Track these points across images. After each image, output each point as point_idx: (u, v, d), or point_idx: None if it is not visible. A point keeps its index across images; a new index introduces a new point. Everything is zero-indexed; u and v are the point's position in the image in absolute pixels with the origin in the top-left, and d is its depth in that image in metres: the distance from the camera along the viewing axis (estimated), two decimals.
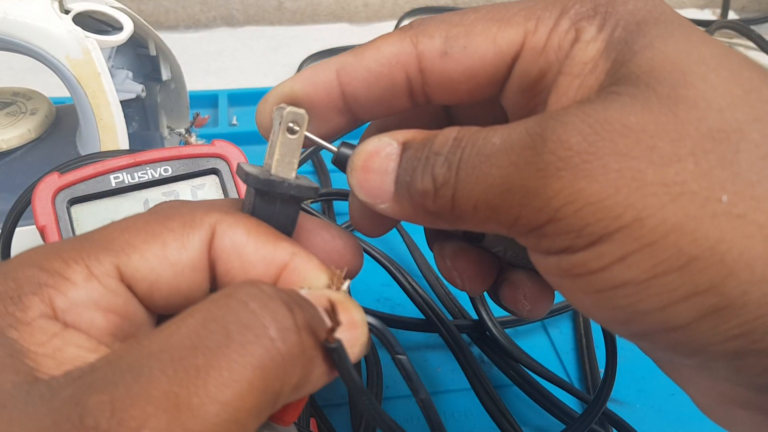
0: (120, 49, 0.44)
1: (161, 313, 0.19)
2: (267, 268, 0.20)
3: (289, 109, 0.21)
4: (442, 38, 0.21)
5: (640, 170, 0.16)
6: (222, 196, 0.34)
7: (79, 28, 0.38)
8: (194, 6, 0.82)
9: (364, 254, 0.40)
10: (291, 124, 0.21)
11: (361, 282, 0.45)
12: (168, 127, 0.51)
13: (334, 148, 0.22)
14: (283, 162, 0.21)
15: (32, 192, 0.31)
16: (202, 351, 0.15)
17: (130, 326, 0.18)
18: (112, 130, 0.39)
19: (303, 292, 0.19)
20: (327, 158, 0.55)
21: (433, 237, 0.27)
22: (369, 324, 0.20)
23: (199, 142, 0.50)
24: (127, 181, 0.33)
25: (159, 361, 0.15)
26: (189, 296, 0.19)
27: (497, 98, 0.22)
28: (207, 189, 0.34)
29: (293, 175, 0.21)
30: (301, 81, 0.22)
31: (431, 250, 0.27)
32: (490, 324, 0.37)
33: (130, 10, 0.42)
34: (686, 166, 0.16)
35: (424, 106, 0.23)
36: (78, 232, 0.32)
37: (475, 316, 0.41)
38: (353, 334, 0.19)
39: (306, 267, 0.20)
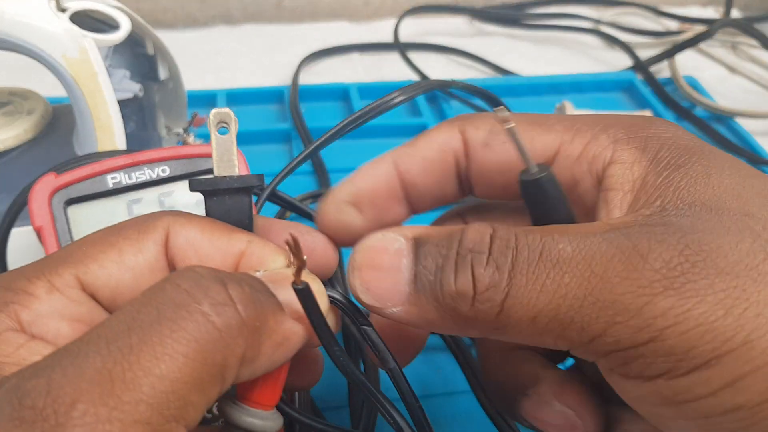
0: (117, 48, 0.43)
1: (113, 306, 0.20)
2: (224, 259, 0.20)
3: (215, 110, 0.22)
4: (486, 131, 0.22)
5: (745, 290, 0.16)
6: None
7: (76, 27, 0.38)
8: (193, 4, 0.82)
9: None
10: (220, 124, 0.22)
11: None
12: (166, 127, 0.50)
13: (533, 162, 0.21)
14: (222, 161, 0.22)
15: (29, 192, 0.31)
16: (135, 331, 0.16)
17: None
18: (109, 130, 0.39)
19: (257, 274, 0.20)
20: (327, 158, 0.54)
21: (514, 391, 0.23)
22: (333, 298, 0.21)
23: (197, 142, 0.50)
24: (124, 182, 0.32)
25: (95, 344, 0.16)
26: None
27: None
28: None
29: (235, 171, 0.22)
30: (362, 176, 0.24)
31: (514, 415, 0.23)
32: None
33: (127, 9, 0.41)
34: None
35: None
36: (75, 232, 0.31)
37: None
38: (317, 288, 0.19)
39: (262, 252, 0.20)
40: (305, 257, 0.18)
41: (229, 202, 0.22)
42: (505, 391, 0.23)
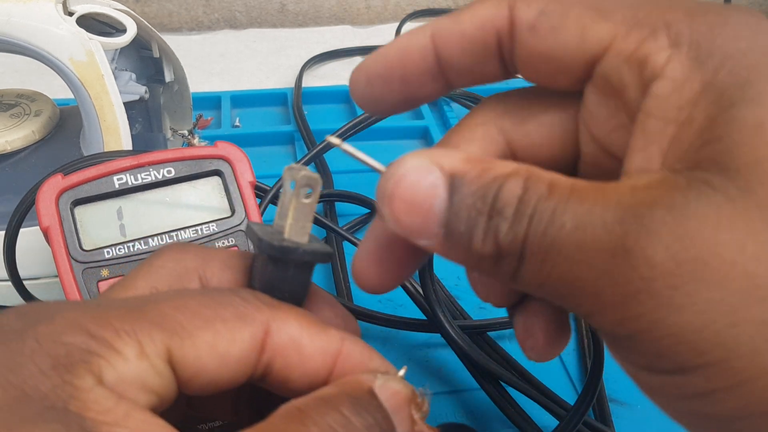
0: (123, 51, 0.44)
1: (189, 394, 0.19)
2: (324, 359, 0.20)
3: (304, 173, 0.20)
4: (538, 10, 0.19)
5: (732, 306, 0.14)
6: (224, 198, 0.34)
7: (82, 30, 0.38)
8: (197, 8, 0.82)
9: None
10: (305, 189, 0.21)
11: None
12: (171, 129, 0.51)
13: (383, 168, 0.20)
14: (296, 226, 0.21)
15: (36, 193, 0.32)
16: None
17: (160, 406, 0.18)
18: (115, 132, 0.39)
19: (378, 383, 0.19)
20: (329, 158, 0.55)
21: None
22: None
23: (202, 144, 0.51)
24: (130, 183, 0.33)
25: None
26: (223, 385, 0.19)
27: (575, 105, 0.21)
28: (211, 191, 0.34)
29: (306, 239, 0.21)
30: (395, 47, 0.21)
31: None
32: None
33: (133, 13, 0.42)
34: None
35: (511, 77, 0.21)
36: (81, 233, 0.32)
37: (475, 317, 0.42)
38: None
39: (360, 352, 0.20)
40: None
41: (292, 272, 0.21)
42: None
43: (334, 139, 0.21)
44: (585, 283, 0.16)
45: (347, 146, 0.21)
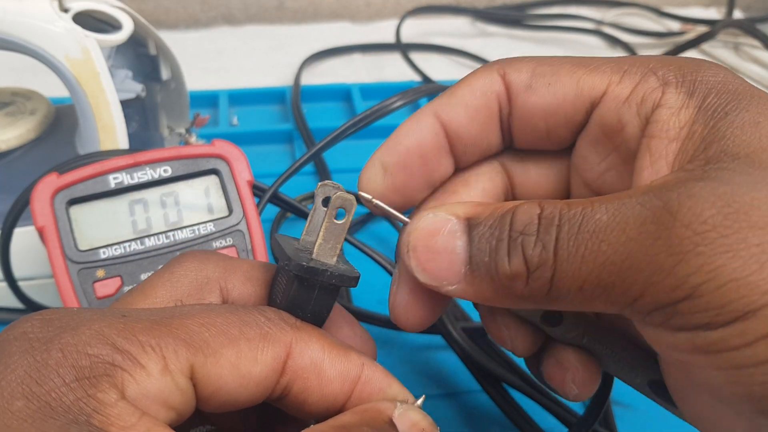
0: (120, 48, 0.44)
1: (206, 410, 0.19)
2: (343, 384, 0.20)
3: (339, 194, 0.20)
4: (530, 73, 0.22)
5: None
6: (222, 196, 0.33)
7: (78, 27, 0.38)
8: (195, 5, 0.82)
9: (366, 256, 0.40)
10: (339, 209, 0.21)
11: (364, 283, 0.44)
12: (168, 127, 0.50)
13: (407, 219, 0.21)
14: (325, 246, 0.21)
15: (31, 192, 0.31)
16: None
17: (178, 421, 0.18)
18: (111, 130, 0.39)
19: (397, 413, 0.19)
20: (329, 158, 0.54)
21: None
22: None
23: (199, 142, 0.50)
24: (126, 182, 0.32)
25: None
26: (240, 404, 0.19)
27: (566, 155, 0.23)
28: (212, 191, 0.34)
29: (335, 260, 0.21)
30: (405, 133, 0.23)
31: (477, 308, 0.26)
32: None
33: (130, 9, 0.41)
34: None
35: (499, 154, 0.23)
36: (77, 232, 0.31)
37: (477, 319, 0.41)
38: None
39: (379, 379, 0.20)
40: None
41: (318, 294, 0.21)
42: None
43: (365, 194, 0.22)
44: (635, 259, 0.17)
45: (378, 202, 0.22)
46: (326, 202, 0.21)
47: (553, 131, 0.22)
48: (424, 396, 0.21)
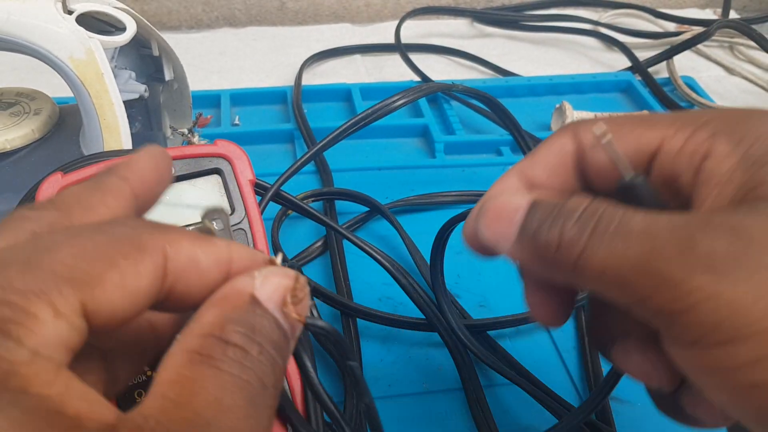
0: (123, 49, 0.44)
1: (97, 333, 0.18)
2: (219, 269, 0.20)
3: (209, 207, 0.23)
4: (598, 131, 0.25)
5: None
6: (224, 196, 0.34)
7: (82, 29, 0.38)
8: (197, 6, 0.82)
9: (366, 255, 0.40)
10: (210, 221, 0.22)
11: (363, 281, 0.45)
12: (171, 127, 0.51)
13: (631, 171, 0.24)
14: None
15: (36, 192, 0.32)
16: None
17: (74, 361, 0.17)
18: (115, 130, 0.39)
19: (258, 283, 0.19)
20: (330, 159, 0.55)
21: (608, 339, 0.26)
22: (322, 328, 0.21)
23: (202, 142, 0.51)
24: None
25: None
26: (130, 319, 0.18)
27: None
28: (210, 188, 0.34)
29: None
30: (495, 192, 0.26)
31: (606, 356, 0.26)
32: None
33: (133, 11, 0.42)
34: None
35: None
36: None
37: (474, 316, 0.42)
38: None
39: (246, 253, 0.21)
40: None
41: None
42: (602, 337, 0.26)
43: (599, 130, 0.24)
44: (651, 267, 0.19)
45: (610, 137, 0.24)
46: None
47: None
48: (281, 253, 0.21)
